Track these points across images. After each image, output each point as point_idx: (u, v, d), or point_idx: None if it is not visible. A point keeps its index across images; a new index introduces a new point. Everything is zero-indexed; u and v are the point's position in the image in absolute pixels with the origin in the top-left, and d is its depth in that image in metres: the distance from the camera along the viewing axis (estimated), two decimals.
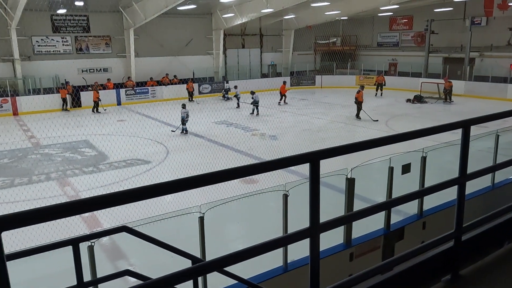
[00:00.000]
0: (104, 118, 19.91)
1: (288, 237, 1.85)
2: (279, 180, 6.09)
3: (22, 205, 9.02)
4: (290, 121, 18.76)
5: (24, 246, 3.28)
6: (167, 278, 1.39)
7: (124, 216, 7.64)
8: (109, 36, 26.09)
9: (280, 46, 33.59)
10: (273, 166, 1.65)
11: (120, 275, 3.63)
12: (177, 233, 5.82)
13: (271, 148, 13.29)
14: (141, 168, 11.81)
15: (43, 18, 23.42)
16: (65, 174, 11.39)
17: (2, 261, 1.07)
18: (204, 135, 15.76)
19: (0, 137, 16.41)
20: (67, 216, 1.19)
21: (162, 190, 1.39)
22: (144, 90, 25.92)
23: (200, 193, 8.29)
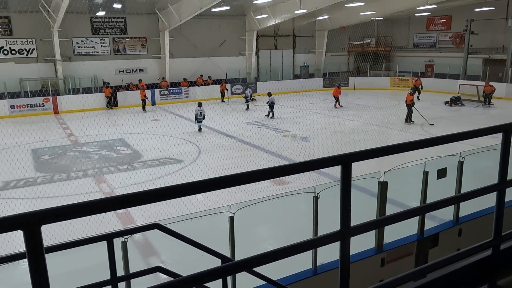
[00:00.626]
0: (139, 117, 20.41)
1: (318, 239, 1.83)
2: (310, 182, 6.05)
3: (60, 200, 9.38)
4: (322, 122, 18.59)
5: (61, 240, 3.41)
6: (197, 276, 1.41)
7: (156, 214, 7.81)
8: (145, 38, 26.74)
9: (313, 47, 33.37)
10: (304, 168, 1.64)
11: (152, 271, 3.70)
12: (207, 232, 5.88)
13: (302, 149, 13.21)
14: (174, 167, 12.02)
15: (83, 20, 24.32)
16: (101, 171, 11.74)
17: (41, 254, 1.11)
18: (235, 136, 15.87)
19: (42, 134, 17.15)
20: (103, 212, 1.22)
21: (193, 189, 1.41)
22: (178, 91, 26.38)
23: (231, 193, 8.36)
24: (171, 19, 25.02)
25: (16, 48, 23.21)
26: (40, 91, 23.25)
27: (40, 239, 1.10)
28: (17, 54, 23.29)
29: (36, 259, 1.10)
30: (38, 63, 23.76)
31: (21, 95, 22.52)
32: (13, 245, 6.39)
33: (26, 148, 14.68)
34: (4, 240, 6.46)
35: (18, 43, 23.22)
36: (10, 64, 23.06)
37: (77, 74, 24.28)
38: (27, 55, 23.53)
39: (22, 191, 10.19)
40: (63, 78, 23.81)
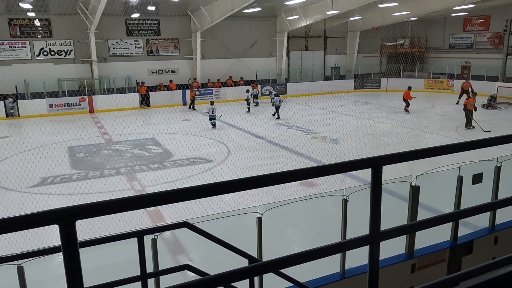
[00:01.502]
0: (170, 117, 20.76)
1: (346, 243, 1.81)
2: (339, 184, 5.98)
3: (94, 196, 9.67)
4: (352, 125, 18.34)
5: (94, 235, 3.52)
6: (225, 275, 1.42)
7: (186, 213, 7.92)
8: (177, 39, 27.20)
9: (344, 48, 32.98)
10: (333, 170, 1.63)
11: (180, 269, 3.76)
12: (235, 232, 5.91)
13: (332, 151, 13.08)
14: (203, 167, 12.16)
15: (118, 22, 25.01)
16: (133, 170, 12.02)
17: (75, 248, 1.15)
18: (264, 136, 15.88)
19: (78, 133, 17.75)
20: (135, 209, 1.25)
21: (222, 189, 1.42)
22: (209, 91, 26.66)
23: (259, 194, 8.37)
24: (203, 21, 25.34)
25: (55, 49, 24.14)
26: (77, 91, 24.08)
27: (75, 233, 1.14)
28: (56, 55, 24.21)
29: (71, 253, 1.14)
30: (75, 64, 24.62)
31: (59, 95, 23.39)
32: (49, 239, 6.64)
33: (63, 145, 15.23)
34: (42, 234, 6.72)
35: (57, 44, 24.13)
36: (50, 65, 24.00)
37: (112, 74, 25.00)
38: (65, 56, 24.41)
39: (58, 187, 10.57)
40: (98, 78, 24.57)
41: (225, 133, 16.84)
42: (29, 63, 23.53)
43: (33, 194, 9.98)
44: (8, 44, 23.15)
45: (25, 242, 6.46)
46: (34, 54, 23.77)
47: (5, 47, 23.10)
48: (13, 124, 20.46)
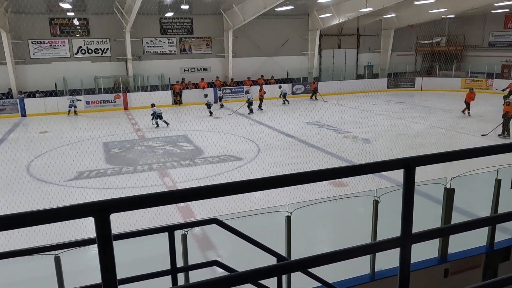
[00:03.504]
0: (201, 115, 21.02)
1: (377, 244, 1.78)
2: (370, 185, 5.88)
3: (127, 191, 9.93)
4: (385, 124, 17.98)
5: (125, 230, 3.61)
6: (253, 272, 1.43)
7: (215, 209, 8.01)
8: (209, 37, 27.48)
9: (378, 47, 32.34)
10: (364, 170, 1.60)
11: (209, 264, 3.81)
12: (264, 230, 5.93)
13: (363, 151, 12.87)
14: (233, 164, 12.24)
15: (152, 21, 25.54)
16: (165, 166, 12.24)
17: (109, 241, 1.19)
18: (295, 135, 15.82)
19: (113, 129, 18.27)
20: (166, 204, 1.28)
21: (252, 186, 1.43)
22: (240, 89, 26.80)
23: (288, 193, 8.35)
24: (235, 19, 25.48)
25: (92, 47, 24.92)
26: (113, 88, 24.78)
27: (109, 226, 1.18)
28: (93, 53, 24.99)
29: (105, 245, 1.18)
30: (111, 62, 25.33)
31: (96, 92, 24.13)
32: (84, 231, 6.88)
33: (98, 141, 15.72)
34: (78, 226, 6.97)
35: (94, 43, 24.91)
36: (87, 63, 24.80)
37: (146, 72, 25.58)
38: (102, 54, 25.16)
39: (94, 181, 10.92)
40: (133, 76, 25.19)
41: (255, 131, 16.88)
42: (67, 61, 24.41)
43: (70, 188, 10.36)
44: (48, 43, 24.09)
45: (62, 233, 6.71)
46: (73, 52, 24.62)
47: (45, 45, 24.04)
48: (53, 120, 21.28)
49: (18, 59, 23.36)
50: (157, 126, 18.53)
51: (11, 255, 3.11)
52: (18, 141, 16.20)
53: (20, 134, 17.80)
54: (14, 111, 22.15)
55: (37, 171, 11.85)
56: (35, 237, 6.54)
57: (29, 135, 17.45)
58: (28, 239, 6.59)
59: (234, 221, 3.77)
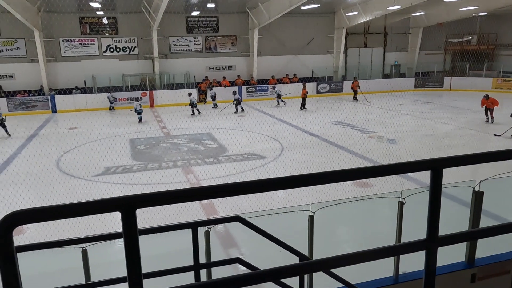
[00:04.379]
0: (225, 113, 21.14)
1: (401, 246, 1.76)
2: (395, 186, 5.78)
3: (152, 187, 10.10)
4: (411, 125, 17.63)
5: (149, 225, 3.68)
6: (276, 270, 1.43)
7: (238, 207, 8.05)
8: (235, 36, 27.59)
9: (405, 45, 31.72)
10: (390, 171, 1.58)
11: (231, 262, 3.84)
12: (286, 229, 5.93)
13: (389, 152, 12.67)
14: (257, 163, 12.27)
15: (179, 20, 25.85)
16: (189, 163, 12.38)
17: (135, 236, 1.21)
18: (319, 135, 15.71)
19: (139, 126, 18.62)
20: (190, 200, 1.30)
21: (275, 185, 1.43)
22: (264, 88, 26.82)
23: (311, 192, 8.31)
24: (261, 18, 25.48)
25: (120, 46, 25.44)
26: (139, 86, 25.24)
27: (135, 221, 1.20)
28: (121, 52, 25.51)
29: (131, 239, 1.20)
30: (138, 60, 25.80)
31: (123, 89, 24.63)
32: (110, 225, 7.03)
33: (125, 137, 16.05)
34: (104, 220, 7.14)
35: (122, 41, 25.41)
36: (115, 61, 25.34)
37: (172, 70, 25.92)
38: (129, 53, 25.65)
39: (120, 177, 11.15)
40: (159, 74, 25.57)
41: (279, 130, 16.86)
42: (96, 59, 25.00)
43: (97, 183, 10.61)
44: (79, 41, 24.73)
45: (89, 227, 6.89)
46: (102, 50, 25.19)
47: (76, 44, 24.69)
48: (82, 116, 21.84)
49: (50, 57, 24.10)
50: (192, 114, 20.56)
51: (41, 246, 3.22)
52: (48, 137, 16.71)
53: (51, 130, 18.36)
54: (45, 107, 22.86)
55: (66, 166, 12.20)
56: (64, 230, 6.74)
57: (59, 131, 17.98)
58: (57, 231, 6.80)
59: (257, 219, 3.78)
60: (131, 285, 1.21)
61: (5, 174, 11.56)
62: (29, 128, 17.93)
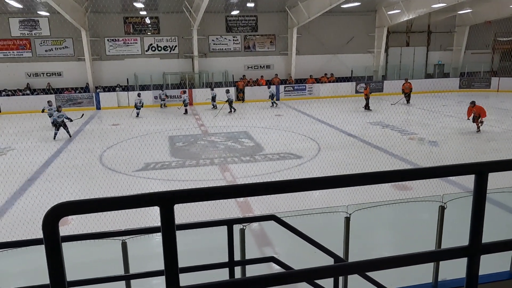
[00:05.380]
0: (263, 112, 21.19)
1: (441, 252, 1.70)
2: (435, 189, 5.59)
3: (190, 183, 10.28)
4: (455, 127, 16.97)
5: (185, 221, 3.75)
6: (310, 271, 1.42)
7: (274, 206, 8.06)
8: (273, 35, 27.59)
9: (450, 44, 30.56)
10: (431, 174, 1.53)
11: (266, 260, 3.84)
12: (321, 230, 5.87)
13: (430, 154, 12.26)
14: (293, 162, 12.22)
15: (219, 19, 26.17)
16: (226, 161, 12.51)
17: (173, 230, 1.24)
18: (357, 135, 15.44)
19: (178, 123, 19.02)
20: (227, 198, 1.31)
21: (311, 185, 1.42)
22: (302, 87, 26.66)
23: (347, 193, 8.18)
24: (300, 16, 25.34)
25: (161, 45, 26.08)
26: (179, 84, 25.79)
27: (173, 216, 1.23)
28: (162, 51, 26.15)
29: (169, 233, 1.23)
30: (178, 59, 26.35)
31: (163, 87, 25.24)
32: (147, 219, 7.22)
33: (164, 134, 16.43)
34: (142, 214, 7.34)
35: (164, 40, 26.04)
36: (156, 60, 26.01)
37: (211, 69, 26.29)
38: (170, 52, 26.24)
39: (159, 172, 11.43)
40: (198, 72, 26.00)
41: (316, 130, 16.71)
42: (139, 58, 25.77)
43: (137, 178, 10.94)
44: (122, 41, 25.57)
45: (128, 220, 7.11)
46: (144, 49, 25.92)
47: (119, 43, 25.55)
48: (124, 113, 22.58)
49: (95, 55, 25.07)
50: (230, 112, 21.26)
51: (84, 237, 3.36)
52: (93, 132, 17.39)
53: (95, 126, 19.09)
54: (90, 104, 23.82)
55: (108, 161, 12.65)
56: (106, 222, 6.99)
57: (103, 127, 18.66)
58: (98, 223, 7.07)
59: (292, 219, 3.77)
60: (168, 278, 1.24)
61: (52, 167, 12.14)
62: (75, 124, 18.71)
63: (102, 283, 3.31)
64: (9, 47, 24.31)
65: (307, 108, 22.43)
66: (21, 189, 10.13)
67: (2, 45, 24.20)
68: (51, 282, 1.13)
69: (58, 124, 14.96)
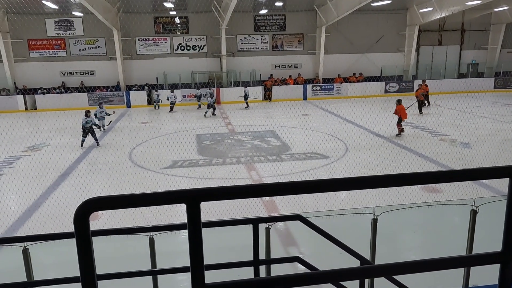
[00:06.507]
0: (290, 111, 21.12)
1: (472, 257, 1.65)
2: (467, 193, 5.43)
3: (216, 182, 10.37)
4: (489, 128, 16.40)
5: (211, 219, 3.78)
6: (336, 272, 1.41)
7: (299, 206, 8.02)
8: (302, 34, 27.43)
9: (485, 43, 29.53)
10: (462, 176, 1.49)
11: (291, 260, 3.83)
12: (347, 231, 5.80)
13: (462, 156, 11.91)
14: (320, 162, 12.13)
15: (247, 19, 26.24)
16: (252, 160, 12.55)
17: (199, 228, 1.26)
18: (385, 136, 15.16)
19: (205, 122, 19.21)
20: (252, 197, 1.32)
21: (338, 185, 1.40)
22: (330, 87, 26.41)
23: (374, 194, 8.05)
24: (329, 15, 25.09)
25: (190, 44, 26.41)
26: (207, 83, 26.04)
27: (199, 213, 1.24)
28: (191, 50, 26.48)
29: (195, 231, 1.25)
30: (207, 58, 26.60)
31: (192, 86, 25.55)
32: (173, 216, 7.31)
33: (192, 133, 16.63)
34: (169, 211, 7.45)
35: (193, 40, 26.35)
36: (185, 59, 26.35)
37: (238, 68, 26.41)
38: (198, 51, 26.54)
39: (186, 170, 11.59)
40: (226, 71, 26.18)
41: (344, 130, 16.52)
42: (168, 57, 26.18)
43: (165, 175, 11.12)
44: (152, 40, 26.05)
45: (156, 217, 7.24)
46: (173, 49, 26.31)
47: (150, 42, 26.03)
48: (153, 112, 23.00)
49: (126, 55, 25.63)
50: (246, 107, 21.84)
51: (113, 232, 3.44)
52: (123, 130, 17.80)
53: (125, 124, 19.53)
54: (121, 102, 24.39)
55: (138, 158, 12.91)
56: (133, 218, 7.14)
57: (132, 125, 19.07)
58: (128, 219, 7.22)
59: (318, 219, 3.74)
60: (194, 275, 1.25)
61: (83, 163, 12.50)
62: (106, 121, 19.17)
63: (130, 277, 3.39)
64: (45, 47, 25.19)
65: (334, 107, 22.20)
66: (55, 184, 10.49)
67: (38, 45, 25.10)
68: (81, 275, 1.16)
69: (86, 130, 14.36)
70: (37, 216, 8.35)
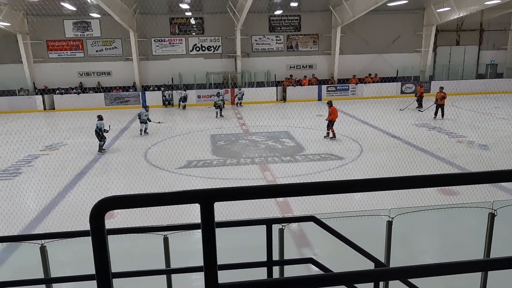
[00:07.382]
0: (304, 112, 21.06)
1: (490, 262, 1.62)
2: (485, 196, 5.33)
3: (230, 182, 10.40)
4: (508, 130, 16.07)
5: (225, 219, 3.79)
6: (350, 274, 1.40)
7: (313, 207, 7.99)
8: (317, 35, 27.33)
9: (504, 43, 28.95)
10: (480, 179, 1.46)
11: (304, 261, 3.82)
12: (362, 233, 5.75)
13: (480, 158, 11.69)
14: (334, 163, 12.05)
15: (262, 19, 26.27)
16: (267, 160, 12.54)
17: (212, 227, 1.26)
18: (401, 137, 14.99)
19: (220, 122, 19.28)
20: (266, 197, 1.32)
21: (352, 187, 1.39)
22: (345, 87, 26.24)
23: (389, 196, 7.97)
24: (344, 15, 24.93)
25: (205, 45, 26.55)
26: (222, 84, 26.14)
27: (213, 213, 1.25)
28: (206, 51, 26.62)
29: (208, 231, 1.25)
30: (221, 59, 26.71)
31: (206, 87, 25.68)
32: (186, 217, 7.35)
33: (206, 133, 16.72)
34: (183, 211, 7.50)
35: (208, 41, 26.49)
36: (200, 59, 26.51)
37: (253, 69, 26.44)
38: (213, 52, 26.66)
39: (201, 170, 11.64)
40: (241, 72, 26.24)
41: (359, 131, 16.39)
42: (183, 58, 26.37)
43: (179, 175, 11.19)
44: (168, 41, 26.27)
45: (170, 216, 7.30)
46: (188, 49, 26.50)
47: (165, 43, 26.26)
48: (168, 112, 23.19)
49: (142, 55, 25.91)
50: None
51: (128, 231, 3.48)
52: (138, 130, 17.98)
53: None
54: (136, 102, 24.66)
55: (153, 158, 13.03)
56: (148, 217, 7.21)
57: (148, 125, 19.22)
58: (142, 218, 7.30)
59: (332, 221, 3.72)
60: (207, 275, 1.26)
61: (100, 162, 12.67)
62: (122, 122, 19.43)
63: (145, 275, 3.42)
64: (63, 48, 25.64)
65: (349, 108, 22.05)
66: (71, 182, 10.66)
67: (57, 46, 25.56)
68: (96, 273, 1.18)
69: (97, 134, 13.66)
70: (54, 214, 8.50)
